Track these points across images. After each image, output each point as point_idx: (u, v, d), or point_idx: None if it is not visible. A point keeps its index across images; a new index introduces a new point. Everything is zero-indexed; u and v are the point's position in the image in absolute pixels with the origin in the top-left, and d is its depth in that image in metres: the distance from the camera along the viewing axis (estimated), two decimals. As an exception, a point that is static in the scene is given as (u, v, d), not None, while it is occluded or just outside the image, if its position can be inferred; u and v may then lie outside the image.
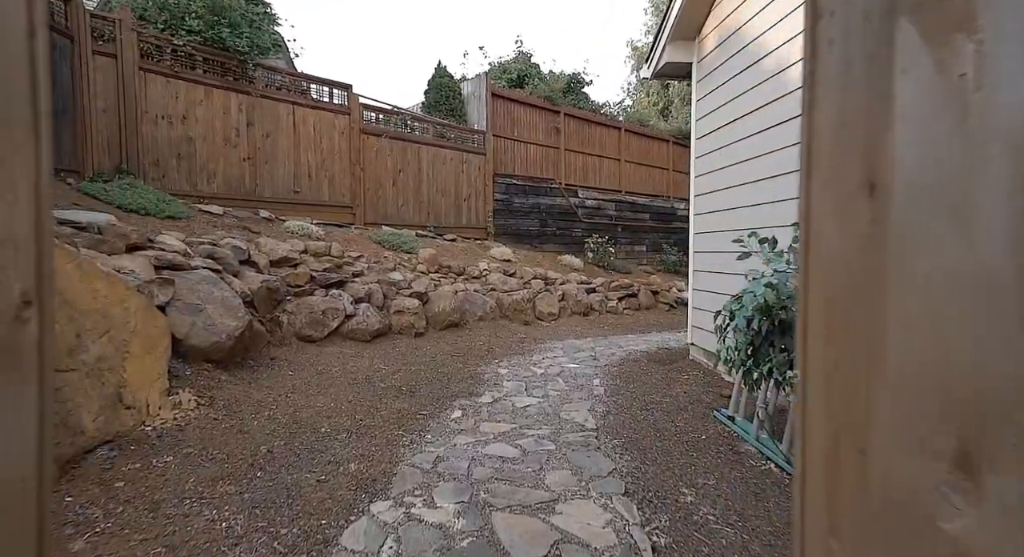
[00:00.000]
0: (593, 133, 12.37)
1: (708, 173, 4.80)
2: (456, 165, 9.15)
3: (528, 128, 10.98)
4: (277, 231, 6.25)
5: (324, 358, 4.62)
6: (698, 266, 5.05)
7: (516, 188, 10.34)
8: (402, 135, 8.39)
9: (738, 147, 4.30)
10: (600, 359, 5.41)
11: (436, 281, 6.86)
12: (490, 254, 8.86)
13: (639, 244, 12.86)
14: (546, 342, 6.30)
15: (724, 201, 4.50)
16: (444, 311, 6.15)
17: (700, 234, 5.01)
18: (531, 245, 10.48)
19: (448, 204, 9.07)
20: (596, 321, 8.18)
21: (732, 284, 4.23)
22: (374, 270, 6.33)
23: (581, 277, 9.28)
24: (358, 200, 7.75)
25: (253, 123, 6.59)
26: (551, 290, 8.23)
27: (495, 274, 7.79)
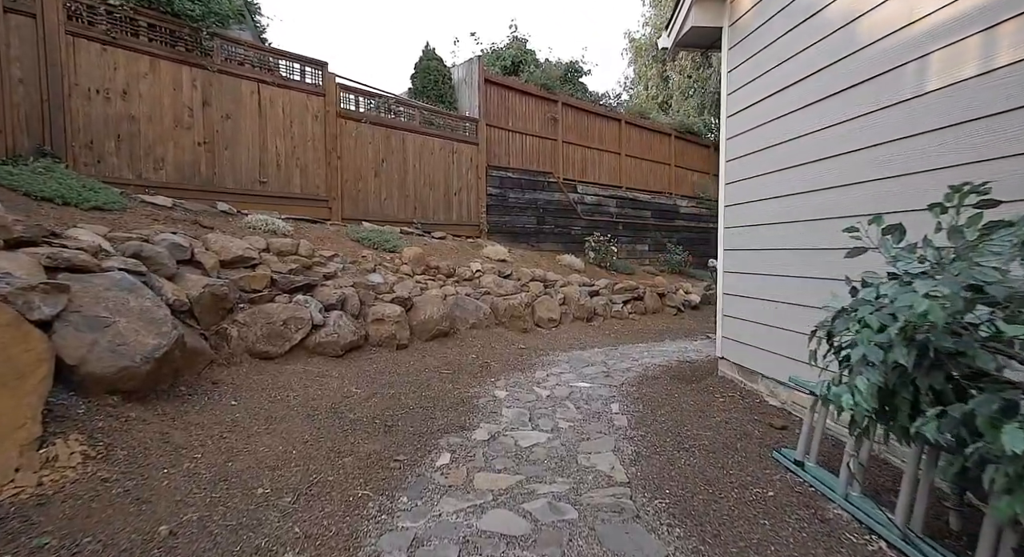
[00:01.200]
0: (592, 125, 11.60)
1: (744, 156, 4.02)
2: (445, 156, 8.32)
3: (524, 118, 10.18)
4: (235, 226, 5.39)
5: (283, 379, 3.78)
6: (731, 266, 4.27)
7: (511, 182, 9.53)
8: (385, 121, 7.54)
9: (788, 123, 3.52)
10: (614, 376, 4.61)
11: (422, 284, 6.03)
12: (483, 253, 8.04)
13: (641, 243, 12.12)
14: (548, 354, 5.49)
15: (768, 188, 3.72)
16: (431, 319, 5.32)
17: (733, 229, 4.23)
18: (528, 244, 9.68)
19: (437, 198, 8.24)
20: (601, 328, 7.39)
21: (786, 289, 3.45)
22: (350, 272, 5.48)
23: (583, 279, 8.49)
24: (335, 193, 6.89)
25: (210, 102, 5.72)
26: (551, 293, 7.43)
27: (489, 276, 6.97)
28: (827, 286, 2.94)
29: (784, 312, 3.48)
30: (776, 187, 3.71)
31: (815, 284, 3.15)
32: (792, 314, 3.39)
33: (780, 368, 3.56)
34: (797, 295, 3.40)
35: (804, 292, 3.25)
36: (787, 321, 3.44)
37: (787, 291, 3.47)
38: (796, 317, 3.35)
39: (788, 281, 3.46)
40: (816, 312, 3.06)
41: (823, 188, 3.24)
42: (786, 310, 3.46)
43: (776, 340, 3.59)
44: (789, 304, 3.43)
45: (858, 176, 2.97)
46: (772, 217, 3.74)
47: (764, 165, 3.84)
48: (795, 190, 3.52)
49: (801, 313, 3.27)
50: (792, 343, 3.35)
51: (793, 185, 3.53)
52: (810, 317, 3.15)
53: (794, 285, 3.39)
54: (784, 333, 3.47)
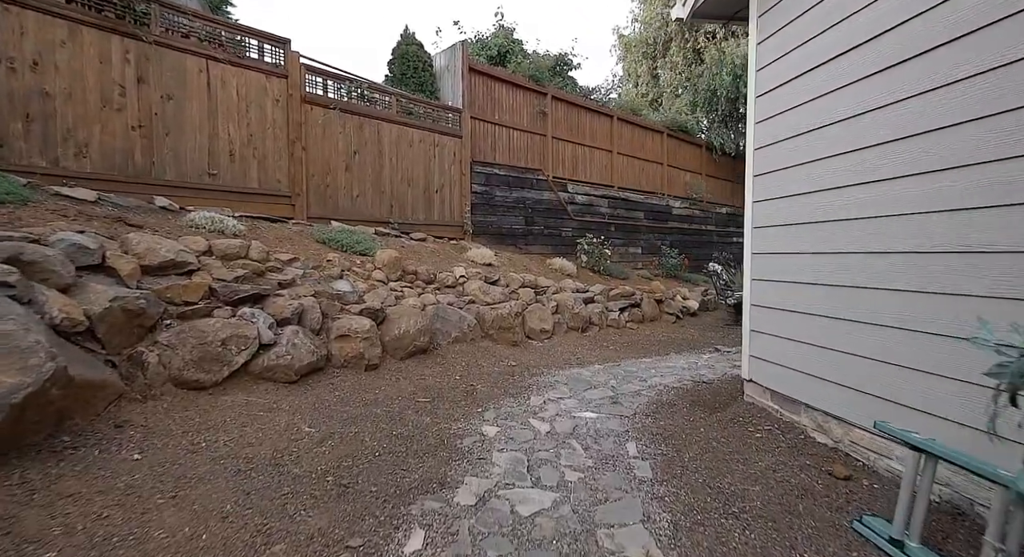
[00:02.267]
0: (583, 120, 10.95)
1: (783, 141, 3.36)
2: (426, 149, 7.56)
3: (511, 111, 9.47)
4: (174, 225, 4.55)
5: (214, 417, 2.99)
6: (762, 273, 3.60)
7: (498, 179, 8.81)
8: (358, 108, 6.76)
9: (845, 97, 2.86)
10: (623, 402, 3.90)
11: (398, 292, 5.27)
12: (468, 257, 7.29)
13: (634, 245, 11.49)
14: (544, 373, 4.77)
15: (817, 179, 3.06)
16: (407, 333, 4.56)
17: (766, 230, 3.56)
18: (515, 246, 8.96)
19: (416, 196, 7.47)
20: (598, 338, 6.70)
21: (861, 304, 2.77)
22: (311, 279, 4.69)
23: (576, 284, 7.80)
24: (298, 188, 6.08)
25: (147, 80, 4.88)
26: (543, 301, 6.72)
27: (474, 282, 6.23)
28: (951, 307, 2.28)
29: (859, 335, 2.80)
30: (806, 181, 3.06)
31: (926, 304, 2.46)
32: (877, 338, 2.71)
33: (841, 402, 2.90)
34: (825, 307, 2.74)
35: (910, 310, 2.56)
36: (864, 345, 2.76)
37: (867, 307, 2.80)
38: (883, 342, 2.68)
39: (870, 295, 2.78)
40: (927, 341, 2.40)
41: (853, 183, 2.60)
42: (864, 333, 2.78)
43: (837, 367, 2.93)
44: (871, 325, 2.73)
45: (898, 169, 2.32)
46: (795, 217, 3.08)
47: (797, 153, 3.19)
48: (828, 185, 2.88)
49: (894, 338, 2.60)
50: (874, 376, 2.68)
51: (825, 178, 2.89)
52: (915, 345, 2.49)
53: (892, 302, 2.69)
54: (858, 362, 2.79)
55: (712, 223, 13.89)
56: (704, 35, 14.36)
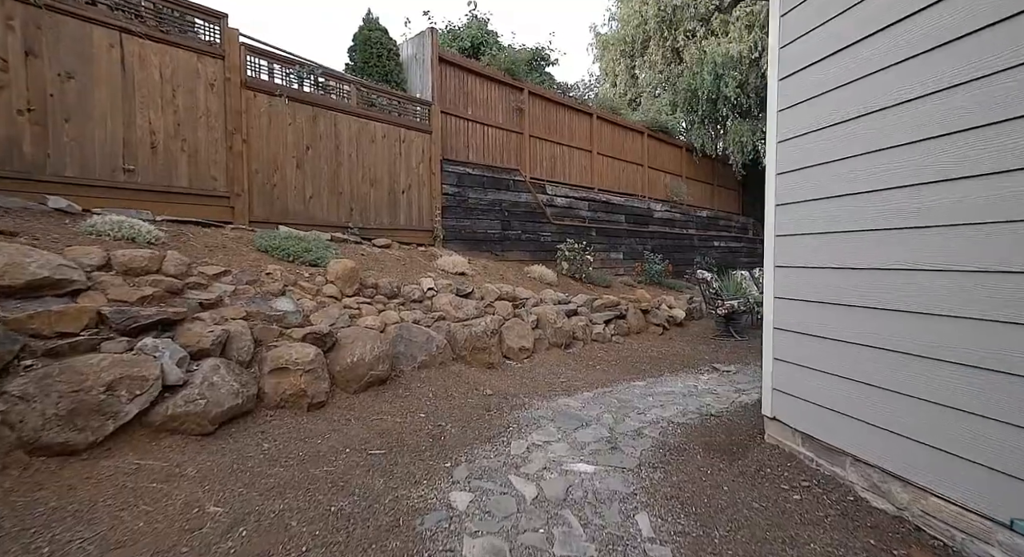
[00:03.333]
0: (562, 118, 10.34)
1: (819, 130, 2.75)
2: (391, 145, 6.78)
3: (485, 106, 8.77)
4: (69, 232, 3.68)
5: (82, 497, 2.19)
6: (788, 291, 2.98)
7: (471, 180, 8.09)
8: (311, 97, 5.94)
9: (904, 72, 2.26)
10: (623, 445, 3.23)
11: (354, 310, 4.49)
12: (438, 265, 6.55)
13: (615, 250, 10.92)
14: (525, 405, 4.06)
15: (872, 176, 2.45)
16: (363, 361, 3.79)
17: (792, 238, 2.95)
18: (491, 252, 8.25)
19: (380, 197, 6.69)
20: (583, 356, 6.04)
21: (906, 330, 2.14)
22: (245, 297, 3.88)
23: (557, 294, 7.14)
24: (239, 187, 5.24)
25: (38, 52, 3.99)
26: (522, 315, 6.02)
27: (444, 296, 5.48)
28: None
29: (936, 375, 2.19)
30: (846, 177, 2.45)
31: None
32: (965, 382, 2.10)
33: (907, 458, 2.28)
34: (873, 334, 2.13)
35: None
36: (942, 389, 2.15)
37: (950, 340, 2.19)
38: (972, 387, 2.07)
39: (954, 326, 2.17)
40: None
41: (907, 184, 2.01)
42: (944, 374, 2.17)
43: (902, 414, 2.31)
44: (954, 364, 2.12)
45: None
46: (832, 223, 2.47)
47: (836, 146, 2.59)
48: (878, 185, 2.29)
49: (990, 382, 1.99)
50: (959, 432, 2.08)
51: (873, 176, 2.29)
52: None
53: (989, 336, 2.09)
54: (935, 411, 2.18)
55: (693, 226, 13.46)
56: (684, 34, 13.99)
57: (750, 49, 12.30)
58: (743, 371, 5.37)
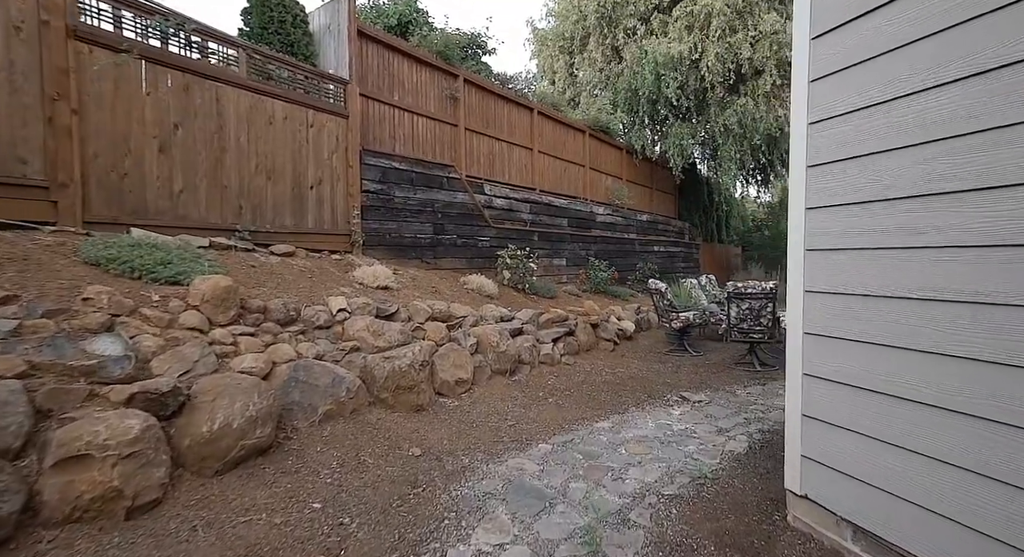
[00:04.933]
0: (501, 111, 9.42)
1: (877, 105, 1.96)
2: (295, 129, 5.50)
3: (415, 92, 7.66)
4: None
5: None
6: (826, 326, 2.18)
7: (398, 175, 6.94)
8: (181, 61, 4.57)
9: None
10: (607, 547, 2.29)
11: (226, 347, 3.26)
12: (355, 278, 5.36)
13: (558, 256, 10.13)
14: (466, 472, 3.04)
15: (949, 167, 1.68)
16: (228, 427, 2.60)
17: (832, 254, 2.16)
18: (421, 260, 7.13)
19: (280, 193, 5.39)
20: (531, 384, 5.11)
21: None
22: (33, 337, 2.55)
23: (499, 309, 6.16)
24: (66, 175, 3.80)
25: None
26: (458, 339, 4.99)
27: (361, 318, 4.34)
28: None
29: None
30: (921, 166, 1.68)
31: None
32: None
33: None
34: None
35: None
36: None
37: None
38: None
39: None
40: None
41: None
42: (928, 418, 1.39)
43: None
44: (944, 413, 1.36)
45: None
46: (903, 237, 1.69)
47: (906, 129, 1.80)
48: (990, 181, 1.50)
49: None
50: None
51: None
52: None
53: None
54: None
55: (634, 231, 13.02)
56: (624, 32, 13.55)
57: (690, 50, 12.02)
58: (715, 400, 4.67)
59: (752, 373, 5.84)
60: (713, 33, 11.75)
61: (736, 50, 11.67)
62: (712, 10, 11.59)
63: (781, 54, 11.63)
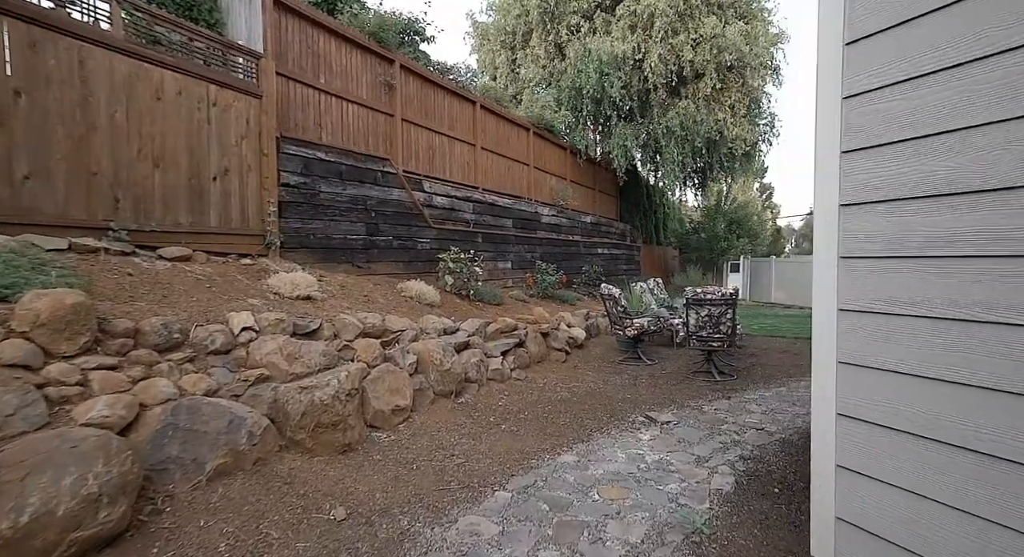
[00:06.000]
0: (441, 103, 8.71)
1: (925, 76, 1.51)
2: (192, 107, 4.54)
3: (345, 76, 6.81)
4: None
5: None
6: (868, 355, 1.72)
7: (325, 167, 6.07)
8: (22, 8, 3.54)
9: None
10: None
11: (66, 388, 2.38)
12: (270, 286, 4.50)
13: (503, 259, 9.55)
14: (406, 538, 2.37)
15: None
16: (46, 518, 1.78)
17: (879, 262, 1.70)
18: (352, 264, 6.30)
19: (173, 184, 4.41)
20: (481, 407, 4.49)
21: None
22: None
23: (442, 320, 5.48)
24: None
25: None
26: (395, 358, 4.27)
27: (273, 339, 3.52)
28: None
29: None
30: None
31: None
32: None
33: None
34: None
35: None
36: None
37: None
38: None
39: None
40: None
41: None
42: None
43: None
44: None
45: None
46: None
47: None
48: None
49: None
50: None
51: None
52: None
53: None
54: None
55: (579, 233, 12.71)
56: (567, 29, 13.23)
57: (634, 50, 11.87)
58: (683, 420, 4.24)
59: (712, 383, 5.53)
60: (656, 34, 11.65)
61: (678, 52, 11.63)
62: (655, 10, 11.49)
63: (721, 58, 11.73)
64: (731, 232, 20.41)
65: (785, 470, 3.20)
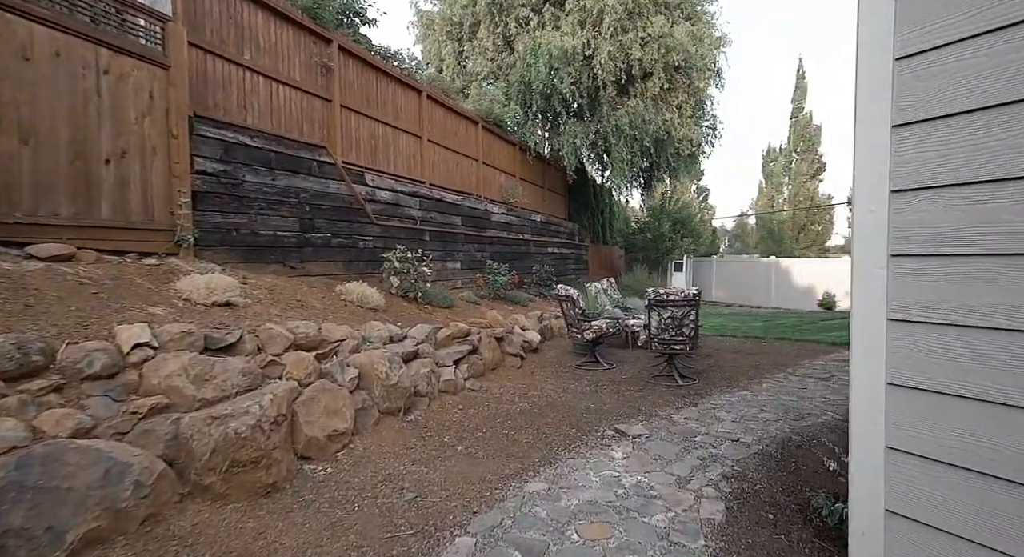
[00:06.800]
0: (385, 91, 8.07)
1: (1010, 26, 1.21)
2: (76, 72, 3.72)
3: (274, 53, 6.05)
4: None
5: None
6: (909, 372, 1.41)
7: (250, 154, 5.32)
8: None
9: None
10: None
11: None
12: (179, 291, 3.77)
13: (452, 259, 9.03)
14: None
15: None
16: None
17: (932, 260, 1.38)
18: (284, 265, 5.58)
19: (50, 166, 3.59)
20: (433, 426, 3.99)
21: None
22: None
23: (387, 326, 4.91)
24: None
25: None
26: (333, 373, 3.68)
27: (176, 357, 2.85)
28: None
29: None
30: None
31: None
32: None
33: None
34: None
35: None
36: None
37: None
38: None
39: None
40: None
41: None
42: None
43: None
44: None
45: None
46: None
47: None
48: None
49: None
50: None
51: None
52: None
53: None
54: None
55: (529, 232, 12.38)
56: (516, 21, 12.85)
57: (584, 45, 11.66)
58: (654, 432, 3.93)
59: (675, 388, 5.30)
60: (606, 30, 11.50)
61: (627, 50, 11.53)
62: (604, 6, 11.33)
63: (669, 58, 11.74)
64: (675, 232, 20.84)
65: (772, 488, 2.94)
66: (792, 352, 7.45)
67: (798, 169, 30.80)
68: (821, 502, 2.54)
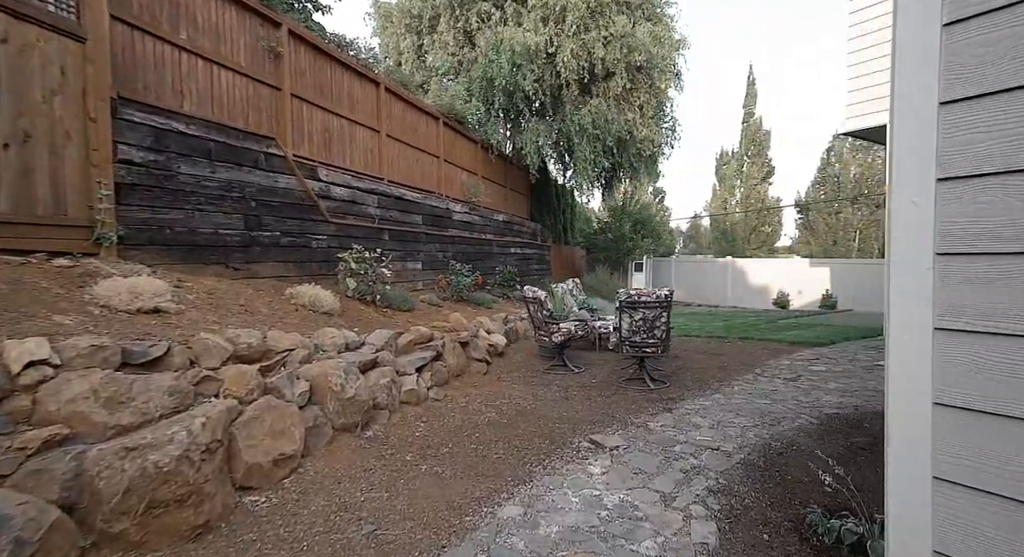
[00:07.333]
0: (340, 81, 7.57)
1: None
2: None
3: (215, 34, 5.50)
4: None
5: None
6: (962, 391, 1.21)
7: (186, 143, 4.78)
8: None
9: None
10: None
11: None
12: (96, 296, 3.25)
13: (412, 259, 8.62)
14: None
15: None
16: None
17: (997, 260, 1.18)
18: (227, 266, 5.06)
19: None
20: (394, 443, 3.63)
21: None
22: None
23: (343, 332, 4.50)
24: None
25: None
26: (281, 388, 3.26)
27: (84, 376, 2.38)
28: None
29: None
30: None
31: None
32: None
33: None
34: None
35: None
36: None
37: None
38: None
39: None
40: None
41: None
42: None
43: None
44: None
45: None
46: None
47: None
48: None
49: None
50: None
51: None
52: None
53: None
54: None
55: (491, 231, 12.08)
56: (477, 16, 12.53)
57: (547, 43, 11.48)
58: (632, 443, 3.72)
59: (647, 392, 5.14)
60: (568, 28, 11.36)
61: (590, 49, 11.43)
62: (567, 4, 11.18)
63: (631, 58, 11.72)
64: (636, 232, 21.03)
65: (761, 503, 2.76)
66: (756, 352, 7.47)
67: (749, 172, 31.87)
68: (816, 519, 2.38)
